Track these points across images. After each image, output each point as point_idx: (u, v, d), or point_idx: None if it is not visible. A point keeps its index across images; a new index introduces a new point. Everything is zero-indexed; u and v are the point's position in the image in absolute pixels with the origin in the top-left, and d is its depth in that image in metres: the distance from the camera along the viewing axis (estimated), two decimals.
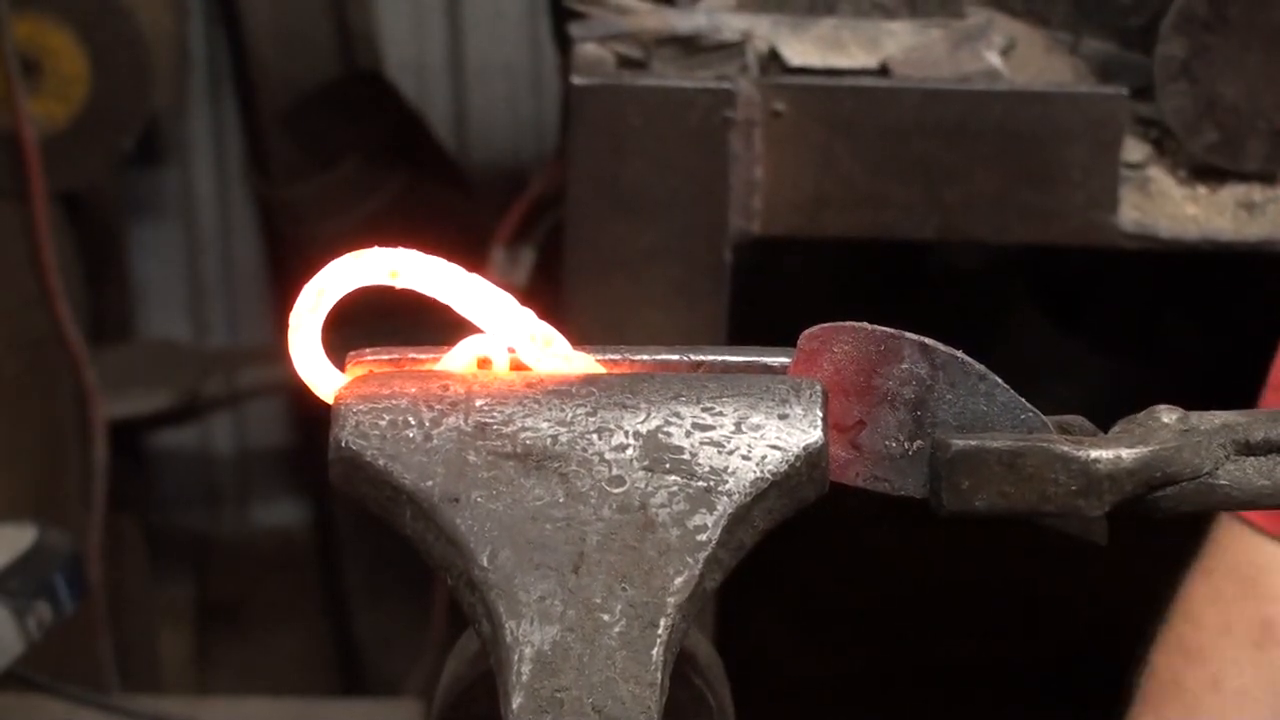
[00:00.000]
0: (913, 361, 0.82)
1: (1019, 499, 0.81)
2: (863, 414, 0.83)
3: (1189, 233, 1.79)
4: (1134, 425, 0.83)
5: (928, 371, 0.82)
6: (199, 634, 3.40)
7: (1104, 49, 1.87)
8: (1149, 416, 0.83)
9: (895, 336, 0.82)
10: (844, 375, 0.82)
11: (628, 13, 1.85)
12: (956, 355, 0.82)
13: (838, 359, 0.82)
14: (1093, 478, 0.80)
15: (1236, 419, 0.82)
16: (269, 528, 3.66)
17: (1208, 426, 0.82)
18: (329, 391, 0.81)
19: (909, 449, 0.83)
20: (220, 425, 3.61)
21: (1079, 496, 0.81)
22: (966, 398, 0.82)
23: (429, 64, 3.48)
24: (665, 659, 0.73)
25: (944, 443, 0.81)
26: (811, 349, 0.82)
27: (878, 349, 0.82)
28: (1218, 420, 0.82)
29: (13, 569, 1.79)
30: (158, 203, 3.53)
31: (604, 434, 0.78)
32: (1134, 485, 0.81)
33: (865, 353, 0.82)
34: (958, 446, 0.81)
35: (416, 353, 0.83)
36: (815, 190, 1.76)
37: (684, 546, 0.75)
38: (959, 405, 0.82)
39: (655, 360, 0.83)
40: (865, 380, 0.82)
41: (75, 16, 2.82)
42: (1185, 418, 0.82)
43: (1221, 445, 0.82)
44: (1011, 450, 0.81)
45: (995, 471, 0.81)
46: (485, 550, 0.75)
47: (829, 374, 0.82)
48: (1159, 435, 0.81)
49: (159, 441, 3.53)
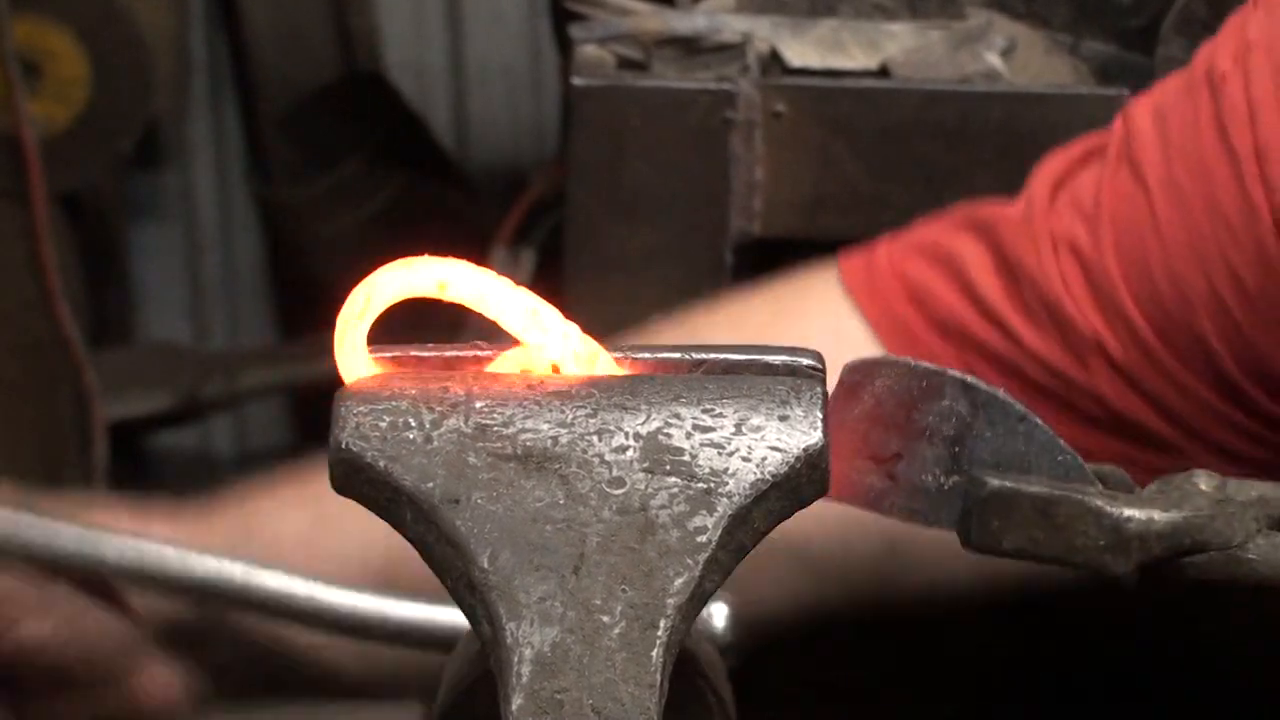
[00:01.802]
0: (953, 399, 0.82)
1: (1047, 546, 0.81)
2: (900, 447, 0.83)
3: None
4: (1170, 488, 0.83)
5: (968, 409, 0.82)
6: None
7: (1104, 50, 1.87)
8: (1186, 480, 0.83)
9: (938, 374, 0.82)
10: (884, 408, 0.82)
11: (628, 14, 1.85)
12: (997, 395, 0.82)
13: (879, 392, 0.82)
14: (1123, 536, 0.80)
15: (1274, 493, 0.83)
16: None
17: (1244, 498, 0.82)
18: None
19: (945, 484, 0.83)
20: (221, 427, 3.61)
21: (1106, 552, 0.81)
22: (1005, 437, 0.82)
23: (429, 66, 3.48)
24: (665, 660, 0.73)
25: (980, 481, 0.81)
26: (853, 381, 0.83)
27: (919, 385, 0.82)
28: (1254, 493, 0.83)
29: None
30: (158, 204, 3.52)
31: (604, 435, 0.78)
32: (1162, 548, 0.81)
33: (906, 387, 0.82)
34: (992, 486, 0.81)
35: (419, 350, 0.83)
36: (816, 191, 1.76)
37: (684, 548, 0.75)
38: (997, 444, 0.82)
39: (656, 358, 0.83)
40: (905, 414, 0.82)
41: (75, 18, 2.82)
42: (1222, 486, 0.83)
43: (1255, 519, 0.82)
44: (1045, 497, 0.81)
45: (1027, 515, 0.81)
46: (485, 552, 0.75)
47: (869, 406, 0.82)
48: (1193, 501, 0.82)
49: (159, 443, 3.53)
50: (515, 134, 3.49)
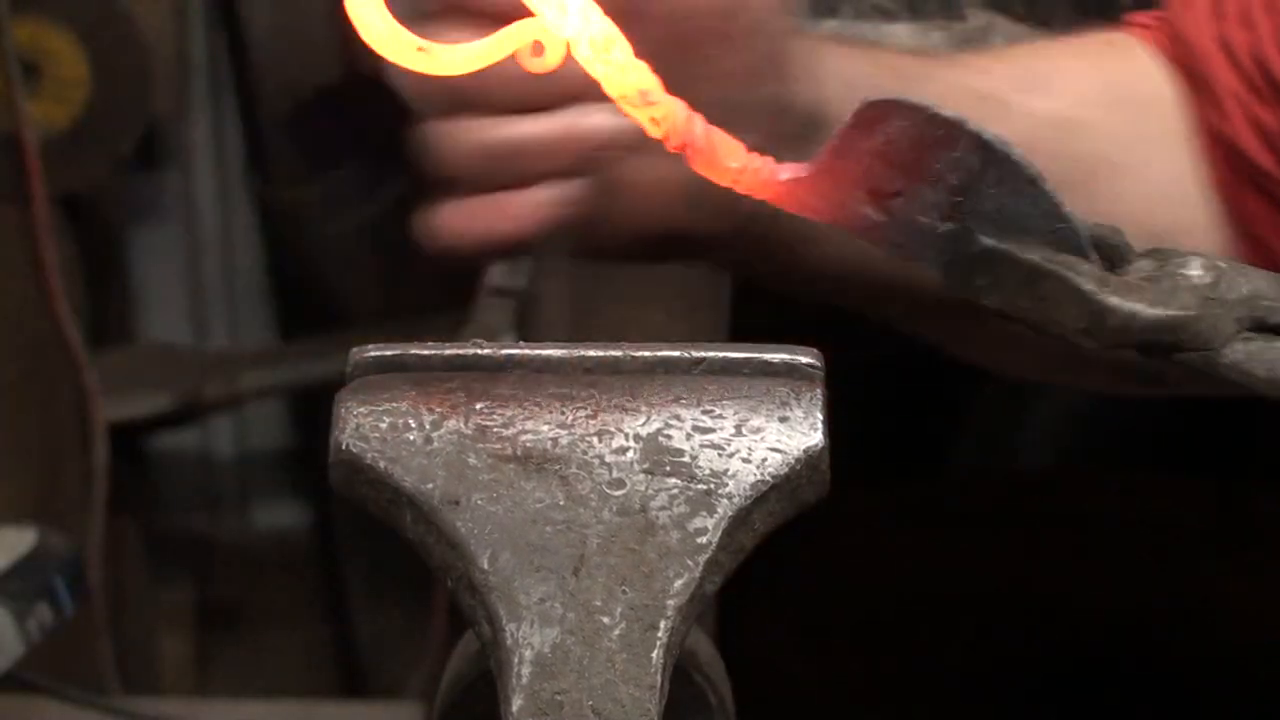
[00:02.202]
0: (966, 150, 0.80)
1: (1027, 312, 0.81)
2: (902, 186, 0.81)
3: None
4: (1163, 273, 0.82)
5: (979, 163, 0.80)
6: (199, 636, 3.40)
7: None
8: (1181, 265, 0.82)
9: (957, 124, 0.80)
10: (894, 148, 0.81)
11: None
12: (1011, 153, 0.80)
13: (892, 132, 0.81)
14: (1103, 323, 0.80)
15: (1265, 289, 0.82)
16: (269, 530, 3.67)
17: (1234, 296, 0.82)
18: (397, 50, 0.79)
19: (939, 228, 0.82)
20: (221, 428, 3.61)
21: (1084, 334, 0.81)
22: (1010, 196, 0.81)
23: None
24: (665, 662, 0.73)
25: (972, 235, 0.81)
26: (869, 117, 0.81)
27: (935, 132, 0.80)
28: (1246, 289, 0.82)
29: (13, 571, 1.79)
30: (158, 206, 3.53)
31: (604, 436, 0.78)
32: (1139, 340, 0.81)
33: (921, 133, 0.80)
34: (984, 245, 0.81)
35: (419, 348, 0.83)
36: None
37: (684, 549, 0.75)
38: (1001, 200, 0.81)
39: (656, 356, 0.83)
40: (914, 157, 0.81)
41: (75, 20, 2.82)
42: (1215, 282, 0.82)
43: (1238, 319, 0.82)
44: (1036, 268, 0.81)
45: (1014, 281, 0.81)
46: (485, 553, 0.75)
47: (879, 143, 0.81)
48: (1180, 298, 0.81)
49: (159, 444, 3.53)
50: None
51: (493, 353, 0.82)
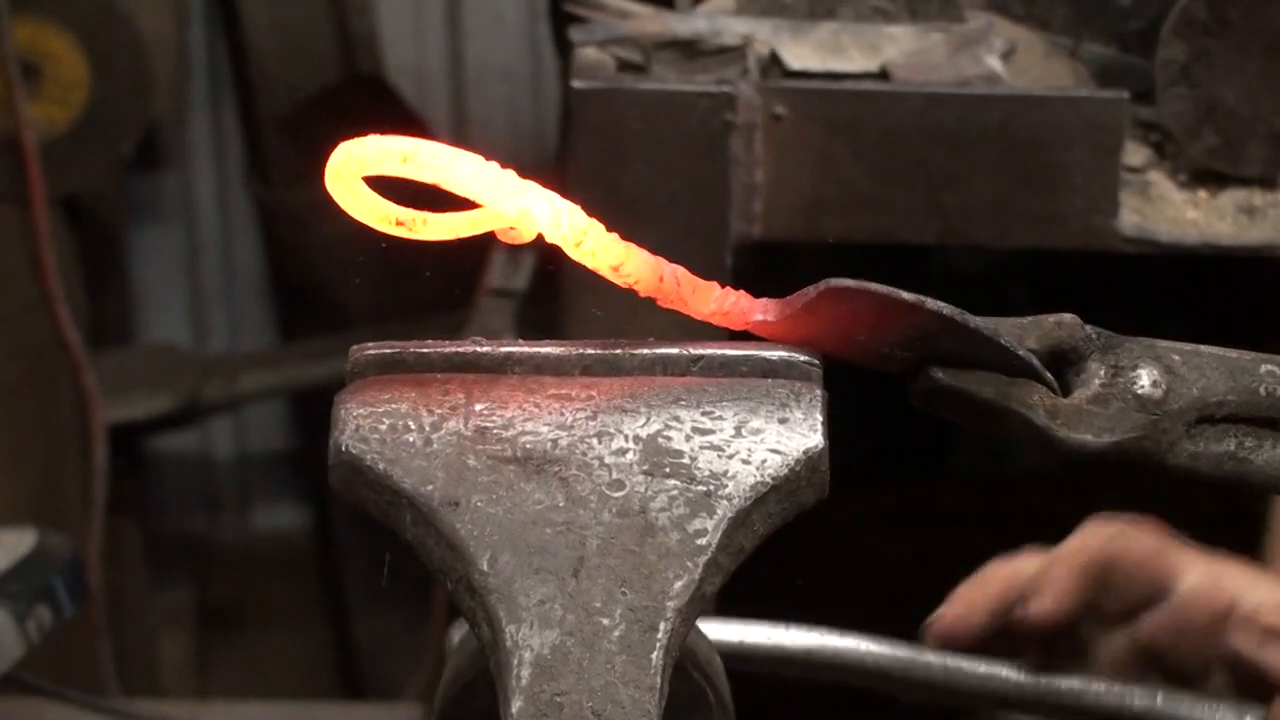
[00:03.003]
0: (925, 319, 0.83)
1: (987, 431, 0.86)
2: (866, 336, 0.85)
3: (1189, 237, 1.79)
4: (1115, 386, 0.85)
5: (936, 328, 0.83)
6: (199, 638, 3.40)
7: (1104, 53, 1.87)
8: (1133, 375, 0.85)
9: (917, 305, 0.82)
10: (859, 315, 0.83)
11: (628, 17, 1.85)
12: (969, 323, 0.83)
13: (857, 306, 0.83)
14: (1056, 450, 0.85)
15: (1211, 387, 0.86)
16: (269, 532, 3.66)
17: (1183, 403, 0.85)
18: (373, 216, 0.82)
19: (900, 356, 0.86)
20: (220, 429, 3.61)
21: (1040, 455, 0.87)
22: (964, 344, 0.84)
23: (429, 68, 3.48)
24: (665, 663, 0.73)
25: (931, 375, 0.85)
26: (834, 296, 0.83)
27: (898, 310, 0.83)
28: (1195, 390, 0.86)
29: (13, 573, 1.79)
30: (158, 207, 3.53)
31: (604, 438, 0.78)
32: (1091, 460, 0.86)
33: (885, 310, 0.83)
34: (943, 381, 0.85)
35: (419, 347, 0.83)
36: (815, 194, 1.76)
37: (684, 551, 0.75)
38: (955, 345, 0.85)
39: (655, 354, 0.82)
40: (877, 320, 0.84)
41: (75, 21, 2.82)
42: (1165, 395, 0.85)
43: (1186, 423, 0.86)
44: (989, 404, 0.84)
45: (969, 411, 0.85)
46: (485, 554, 0.75)
47: (845, 310, 0.83)
48: (1128, 421, 0.85)
49: (159, 445, 3.53)
50: (515, 136, 3.49)
51: (492, 350, 0.82)
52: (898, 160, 1.76)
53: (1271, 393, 0.86)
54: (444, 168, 0.80)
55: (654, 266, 0.84)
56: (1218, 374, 0.86)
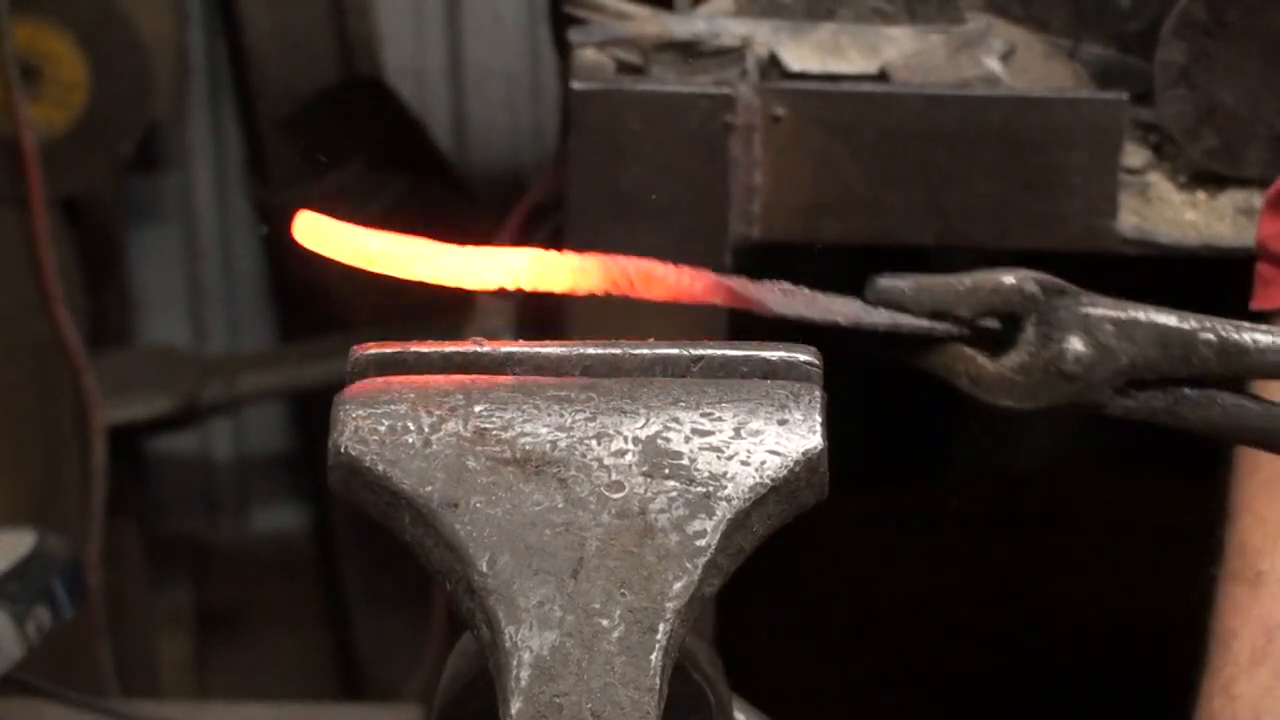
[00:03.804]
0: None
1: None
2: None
3: (1189, 238, 1.79)
4: (1044, 353, 0.87)
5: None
6: (198, 639, 3.40)
7: (1103, 54, 1.87)
8: (1056, 357, 0.87)
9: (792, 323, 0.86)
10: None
11: (627, 18, 1.85)
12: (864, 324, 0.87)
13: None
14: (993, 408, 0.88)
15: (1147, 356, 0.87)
16: (268, 533, 3.66)
17: (1109, 372, 0.87)
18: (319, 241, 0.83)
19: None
20: (220, 430, 3.61)
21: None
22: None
23: (428, 70, 3.48)
24: (664, 664, 0.73)
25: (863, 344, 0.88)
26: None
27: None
28: (1124, 360, 0.87)
29: (12, 574, 1.79)
30: (157, 208, 3.52)
31: (603, 439, 0.78)
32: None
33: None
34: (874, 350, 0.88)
35: (419, 346, 0.83)
36: (815, 195, 1.76)
37: (683, 552, 0.75)
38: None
39: (655, 354, 0.82)
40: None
41: (75, 22, 2.82)
42: (1094, 363, 0.87)
43: (1114, 387, 0.87)
44: (920, 369, 0.88)
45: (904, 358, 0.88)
46: (484, 555, 0.75)
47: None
48: (1049, 392, 0.87)
49: (158, 447, 3.53)
50: (514, 138, 3.49)
51: (492, 350, 0.82)
52: (897, 162, 1.76)
53: (1205, 360, 0.86)
54: (402, 268, 0.82)
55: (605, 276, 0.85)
56: (1151, 344, 0.87)
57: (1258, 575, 1.43)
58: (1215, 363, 0.86)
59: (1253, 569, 1.43)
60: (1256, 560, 1.43)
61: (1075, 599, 2.93)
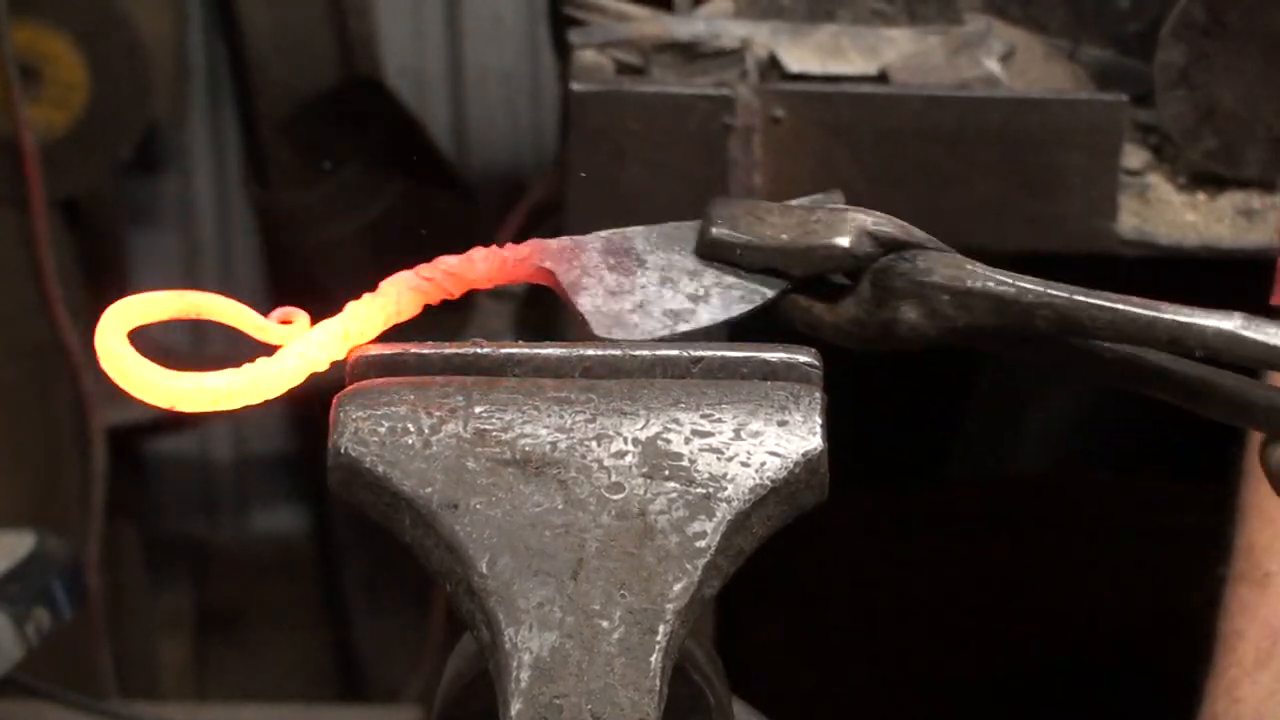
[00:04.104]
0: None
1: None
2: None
3: (1188, 240, 1.79)
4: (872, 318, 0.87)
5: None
6: (197, 640, 3.40)
7: (1103, 56, 1.87)
8: (888, 321, 0.87)
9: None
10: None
11: (627, 19, 1.85)
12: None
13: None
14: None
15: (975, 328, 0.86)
16: (268, 534, 3.66)
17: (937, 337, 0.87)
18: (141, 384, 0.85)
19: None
20: (219, 432, 3.61)
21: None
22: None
23: (428, 71, 3.48)
24: (664, 666, 0.73)
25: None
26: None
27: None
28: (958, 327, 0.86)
29: (11, 576, 1.79)
30: (157, 210, 3.52)
31: (603, 440, 0.78)
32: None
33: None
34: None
35: (419, 348, 0.83)
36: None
37: (683, 553, 0.75)
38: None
39: (655, 355, 0.82)
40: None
41: (74, 24, 2.82)
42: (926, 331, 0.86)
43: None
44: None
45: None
46: (484, 557, 0.75)
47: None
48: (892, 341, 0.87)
49: (158, 448, 3.53)
50: (514, 139, 3.49)
51: (492, 352, 0.82)
52: (896, 163, 1.76)
53: (1043, 332, 0.85)
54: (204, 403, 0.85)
55: (417, 294, 0.86)
56: (987, 313, 0.85)
57: (1265, 576, 1.43)
58: (1053, 332, 0.85)
59: (1260, 570, 1.43)
60: (1265, 561, 1.43)
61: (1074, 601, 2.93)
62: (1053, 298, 0.85)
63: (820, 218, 0.88)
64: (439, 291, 0.86)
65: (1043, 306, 0.85)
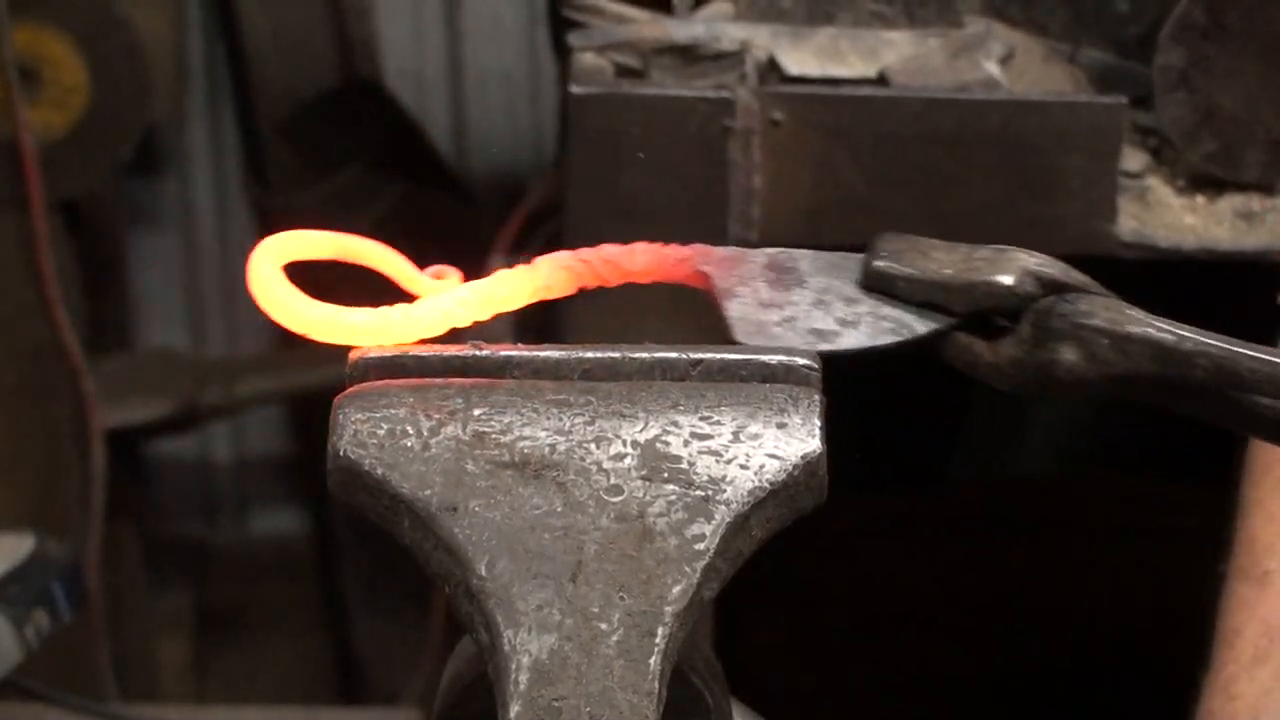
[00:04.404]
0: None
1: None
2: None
3: (1187, 242, 1.79)
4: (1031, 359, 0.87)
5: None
6: (197, 642, 3.40)
7: (1102, 58, 1.87)
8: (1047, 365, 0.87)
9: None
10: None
11: (626, 22, 1.85)
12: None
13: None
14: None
15: (1134, 375, 0.86)
16: (267, 536, 3.66)
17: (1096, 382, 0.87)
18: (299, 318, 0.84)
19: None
20: (219, 434, 3.61)
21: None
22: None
23: (428, 73, 3.48)
24: (663, 668, 0.73)
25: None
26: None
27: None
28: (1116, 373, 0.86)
29: (11, 577, 1.79)
30: (156, 212, 3.52)
31: (602, 443, 0.78)
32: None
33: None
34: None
35: (418, 350, 0.83)
36: (814, 199, 1.76)
37: (682, 556, 0.75)
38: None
39: (654, 358, 0.83)
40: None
41: (74, 26, 2.82)
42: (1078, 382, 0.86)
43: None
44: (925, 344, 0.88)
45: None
46: (483, 559, 0.75)
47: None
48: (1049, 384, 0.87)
49: (157, 450, 3.53)
50: (514, 141, 3.49)
51: (491, 354, 0.82)
52: (896, 165, 1.76)
53: (1200, 380, 0.85)
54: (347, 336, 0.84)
55: (570, 275, 0.87)
56: (1146, 360, 0.85)
57: (1265, 574, 1.43)
58: (1210, 382, 0.85)
59: (1260, 567, 1.43)
60: (1264, 558, 1.43)
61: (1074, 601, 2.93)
62: (1210, 347, 0.84)
63: (984, 256, 0.88)
64: (594, 277, 0.87)
65: (1200, 355, 0.84)
